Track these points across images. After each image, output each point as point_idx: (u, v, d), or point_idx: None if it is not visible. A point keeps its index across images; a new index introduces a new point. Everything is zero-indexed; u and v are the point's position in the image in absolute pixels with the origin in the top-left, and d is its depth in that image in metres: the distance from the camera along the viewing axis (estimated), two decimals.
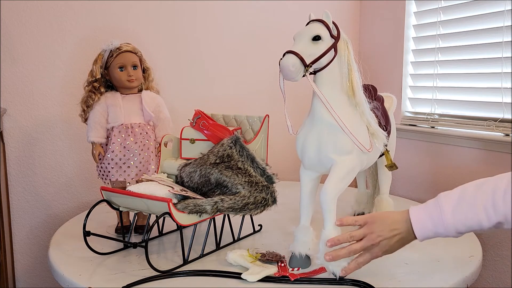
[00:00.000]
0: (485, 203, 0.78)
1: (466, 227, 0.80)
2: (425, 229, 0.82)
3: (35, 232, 1.45)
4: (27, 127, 1.41)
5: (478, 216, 0.78)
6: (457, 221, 0.80)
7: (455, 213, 0.80)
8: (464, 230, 0.81)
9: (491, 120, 1.37)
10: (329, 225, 0.89)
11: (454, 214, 0.80)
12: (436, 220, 0.81)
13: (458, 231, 0.81)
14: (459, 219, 0.80)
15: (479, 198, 0.79)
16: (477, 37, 1.43)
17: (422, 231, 0.82)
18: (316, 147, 0.92)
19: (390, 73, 1.73)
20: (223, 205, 0.98)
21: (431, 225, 0.82)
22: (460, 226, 0.80)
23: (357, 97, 0.92)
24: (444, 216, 0.81)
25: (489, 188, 0.79)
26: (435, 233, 0.82)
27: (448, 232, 0.81)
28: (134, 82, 1.15)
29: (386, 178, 1.18)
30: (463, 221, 0.80)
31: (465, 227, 0.80)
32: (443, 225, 0.81)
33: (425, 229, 0.82)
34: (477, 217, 0.79)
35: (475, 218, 0.79)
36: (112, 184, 1.14)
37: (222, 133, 1.09)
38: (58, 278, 0.97)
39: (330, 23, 0.89)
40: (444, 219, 0.81)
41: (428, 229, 0.82)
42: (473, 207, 0.79)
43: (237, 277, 0.90)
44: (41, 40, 1.39)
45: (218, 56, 1.67)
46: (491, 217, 0.78)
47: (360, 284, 0.87)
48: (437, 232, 0.82)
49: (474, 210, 0.79)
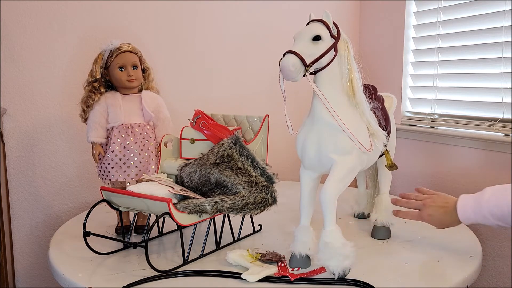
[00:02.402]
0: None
1: (498, 209, 0.91)
2: (466, 206, 0.96)
3: (35, 232, 1.45)
4: (27, 127, 1.41)
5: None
6: (492, 201, 0.92)
7: (493, 195, 0.93)
8: (498, 212, 0.91)
9: (491, 120, 1.37)
10: (329, 225, 0.88)
11: (492, 195, 0.93)
12: (477, 199, 0.94)
13: (492, 212, 0.91)
14: (495, 199, 0.92)
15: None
16: (477, 37, 1.43)
17: (463, 209, 0.96)
18: (316, 147, 0.92)
19: (390, 73, 1.73)
20: (223, 205, 0.98)
21: (472, 203, 0.95)
22: (493, 207, 0.91)
23: (357, 97, 0.92)
24: (483, 196, 0.94)
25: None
26: (474, 212, 0.94)
27: (484, 213, 0.93)
28: (134, 82, 1.15)
29: (386, 178, 1.18)
30: (496, 201, 0.91)
31: (498, 209, 0.91)
32: (480, 205, 0.93)
33: (466, 206, 0.96)
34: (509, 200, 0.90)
35: (507, 200, 0.90)
36: (112, 184, 1.14)
37: (222, 133, 1.09)
38: (58, 278, 0.97)
39: (330, 23, 0.89)
40: (483, 198, 0.93)
41: (469, 207, 0.95)
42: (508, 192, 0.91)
43: (237, 277, 0.90)
44: (41, 40, 1.39)
45: (218, 56, 1.67)
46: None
47: (360, 284, 0.87)
48: (476, 211, 0.94)
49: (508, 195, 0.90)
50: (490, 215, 0.92)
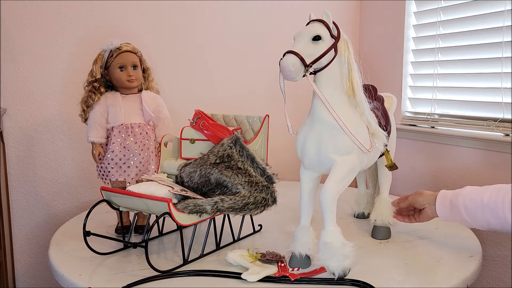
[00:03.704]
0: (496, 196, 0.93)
1: (471, 201, 0.96)
2: (443, 199, 1.01)
3: (35, 232, 1.45)
4: (27, 127, 1.41)
5: (481, 194, 0.95)
6: (467, 193, 0.97)
7: (473, 190, 0.98)
8: (470, 205, 0.96)
9: (491, 120, 1.37)
10: (329, 225, 0.88)
11: (471, 190, 0.98)
12: (456, 192, 1.00)
13: (465, 204, 0.96)
14: (470, 192, 0.97)
15: (494, 190, 0.94)
16: (477, 37, 1.43)
17: (441, 201, 1.02)
18: (316, 147, 0.92)
19: (390, 73, 1.73)
20: (223, 205, 0.98)
21: (450, 194, 1.01)
22: (468, 200, 0.96)
23: (357, 97, 0.92)
24: (463, 189, 0.99)
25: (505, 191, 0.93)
26: (450, 202, 0.99)
27: (459, 204, 0.97)
28: (134, 82, 1.15)
29: (386, 178, 1.18)
30: (471, 195, 0.96)
31: (471, 201, 0.96)
32: (456, 196, 0.98)
33: (444, 199, 1.01)
34: (481, 195, 0.95)
35: (479, 195, 0.95)
36: (112, 184, 1.14)
37: (222, 133, 1.09)
38: (58, 278, 0.97)
39: (330, 23, 0.89)
40: (461, 191, 0.99)
41: (446, 199, 1.01)
42: (485, 189, 0.96)
43: (237, 277, 0.90)
44: (41, 40, 1.39)
45: (218, 56, 1.67)
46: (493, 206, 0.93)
47: (360, 284, 0.87)
48: (452, 201, 0.99)
49: (482, 191, 0.96)
50: (463, 207, 0.97)
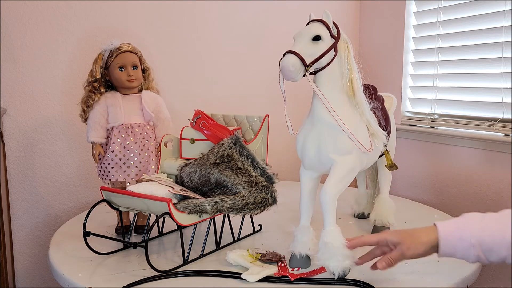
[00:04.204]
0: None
1: (491, 237, 0.76)
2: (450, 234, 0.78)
3: (35, 232, 1.45)
4: (27, 127, 1.41)
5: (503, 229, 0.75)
6: (483, 227, 0.76)
7: (483, 220, 0.77)
8: (490, 241, 0.76)
9: (491, 120, 1.37)
10: (329, 225, 0.88)
11: (482, 221, 0.77)
12: (463, 225, 0.78)
13: (482, 241, 0.76)
14: (486, 225, 0.77)
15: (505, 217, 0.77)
16: (477, 37, 1.43)
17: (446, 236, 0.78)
18: (316, 147, 0.92)
19: (390, 73, 1.73)
20: (223, 205, 0.98)
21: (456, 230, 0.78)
22: (486, 236, 0.76)
23: (357, 97, 0.92)
24: (471, 221, 0.78)
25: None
26: (460, 239, 0.77)
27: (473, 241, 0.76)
28: (134, 82, 1.15)
29: (386, 178, 1.18)
30: (490, 230, 0.76)
31: (491, 238, 0.76)
32: (470, 231, 0.77)
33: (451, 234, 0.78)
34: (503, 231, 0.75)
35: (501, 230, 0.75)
36: (112, 184, 1.14)
37: (222, 133, 1.09)
38: (58, 278, 0.97)
39: (330, 23, 0.89)
40: (471, 224, 0.77)
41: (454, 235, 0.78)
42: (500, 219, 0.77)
43: (237, 277, 0.90)
44: (41, 40, 1.39)
45: (218, 56, 1.67)
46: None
47: (360, 284, 0.87)
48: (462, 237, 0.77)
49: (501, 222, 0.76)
50: (478, 244, 0.76)
